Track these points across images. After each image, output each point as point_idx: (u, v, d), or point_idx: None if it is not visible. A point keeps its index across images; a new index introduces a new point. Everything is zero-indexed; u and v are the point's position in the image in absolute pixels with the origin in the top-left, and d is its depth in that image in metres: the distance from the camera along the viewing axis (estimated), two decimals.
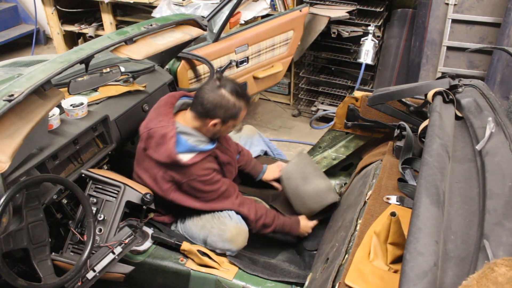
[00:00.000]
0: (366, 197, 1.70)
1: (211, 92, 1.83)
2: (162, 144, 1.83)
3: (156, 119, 1.89)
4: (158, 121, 1.88)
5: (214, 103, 1.82)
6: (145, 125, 1.92)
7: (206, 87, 1.86)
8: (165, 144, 1.82)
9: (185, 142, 1.84)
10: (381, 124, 2.22)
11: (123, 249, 1.73)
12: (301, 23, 3.04)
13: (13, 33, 5.05)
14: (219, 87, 1.83)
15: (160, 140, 1.83)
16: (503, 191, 1.17)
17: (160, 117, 1.89)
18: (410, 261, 0.95)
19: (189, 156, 1.84)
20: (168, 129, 1.84)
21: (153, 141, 1.86)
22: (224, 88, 1.83)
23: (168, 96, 1.99)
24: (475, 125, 1.54)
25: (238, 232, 1.97)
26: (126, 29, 1.95)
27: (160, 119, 1.88)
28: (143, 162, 1.96)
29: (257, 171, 2.34)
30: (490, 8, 3.01)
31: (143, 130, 1.92)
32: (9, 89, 1.45)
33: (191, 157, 1.84)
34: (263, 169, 2.35)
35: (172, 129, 1.84)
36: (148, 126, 1.90)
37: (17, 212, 1.51)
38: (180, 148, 1.83)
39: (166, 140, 1.82)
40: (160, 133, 1.84)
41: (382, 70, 3.77)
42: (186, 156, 1.83)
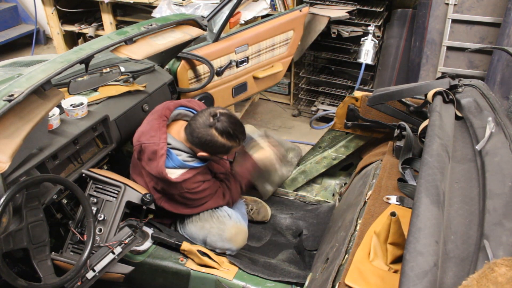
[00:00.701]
0: (366, 197, 1.70)
1: (202, 128, 1.79)
2: (153, 160, 1.83)
3: (148, 134, 1.86)
4: (150, 136, 1.85)
5: (202, 140, 1.80)
6: (138, 138, 1.89)
7: (199, 120, 1.80)
8: (156, 161, 1.81)
9: (176, 158, 1.84)
10: (381, 124, 2.22)
11: (123, 249, 1.73)
12: (301, 23, 3.04)
13: (13, 33, 5.05)
14: (210, 126, 1.78)
15: (151, 156, 1.83)
16: (503, 191, 1.17)
17: (152, 132, 1.85)
18: (410, 261, 0.95)
19: (180, 172, 1.84)
20: (159, 146, 1.81)
21: (145, 155, 1.86)
22: (215, 128, 1.78)
23: (163, 108, 1.93)
24: (475, 125, 1.54)
25: (238, 231, 1.97)
26: (126, 29, 1.95)
27: (152, 134, 1.84)
28: (138, 168, 1.97)
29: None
30: (490, 8, 3.01)
31: (135, 142, 1.90)
32: (9, 89, 1.45)
33: (181, 173, 1.84)
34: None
35: (163, 147, 1.82)
36: (140, 140, 1.87)
37: (17, 212, 1.51)
38: (171, 164, 1.83)
39: (156, 157, 1.81)
40: (151, 149, 1.82)
41: (382, 70, 3.77)
42: (176, 172, 1.84)
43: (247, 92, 2.99)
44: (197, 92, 2.62)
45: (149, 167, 1.85)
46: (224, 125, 1.78)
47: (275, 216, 2.41)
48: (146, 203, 1.83)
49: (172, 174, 1.82)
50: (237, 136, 1.83)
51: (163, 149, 1.81)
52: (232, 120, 1.82)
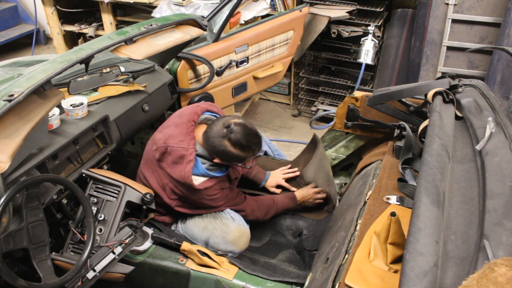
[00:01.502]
0: (366, 197, 1.70)
1: (216, 138, 1.78)
2: (179, 164, 1.82)
3: (177, 138, 1.84)
4: (179, 140, 1.84)
5: (216, 150, 1.80)
6: (164, 140, 1.86)
7: (214, 129, 1.80)
8: (182, 166, 1.81)
9: (201, 166, 1.85)
10: (381, 124, 2.22)
11: (123, 249, 1.73)
12: (301, 23, 3.04)
13: (13, 33, 5.05)
14: (224, 137, 1.77)
15: (178, 159, 1.82)
16: (503, 191, 1.17)
17: (181, 136, 1.84)
18: (410, 261, 0.95)
19: (202, 180, 1.85)
20: (188, 152, 1.82)
21: (169, 157, 1.84)
22: (228, 140, 1.76)
23: (191, 112, 1.92)
24: (475, 125, 1.54)
25: (241, 234, 1.98)
26: (126, 29, 1.95)
27: (181, 139, 1.84)
28: (153, 167, 1.95)
29: (260, 179, 2.33)
30: (490, 8, 3.01)
31: (160, 144, 1.87)
32: (9, 89, 1.45)
33: (203, 180, 1.85)
34: (265, 176, 2.35)
35: (192, 153, 1.82)
36: (167, 143, 1.85)
37: (17, 212, 1.51)
38: (195, 171, 1.84)
39: (183, 162, 1.81)
40: (179, 154, 1.82)
41: (382, 70, 3.77)
42: (199, 179, 1.85)
43: (247, 92, 2.99)
44: (197, 92, 2.62)
45: (172, 170, 1.84)
46: (237, 137, 1.76)
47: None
48: (146, 203, 1.84)
49: (195, 181, 1.83)
50: (251, 147, 1.81)
51: (192, 155, 1.81)
52: (246, 131, 1.78)
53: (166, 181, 1.90)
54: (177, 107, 2.63)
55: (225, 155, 1.80)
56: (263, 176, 2.34)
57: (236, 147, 1.78)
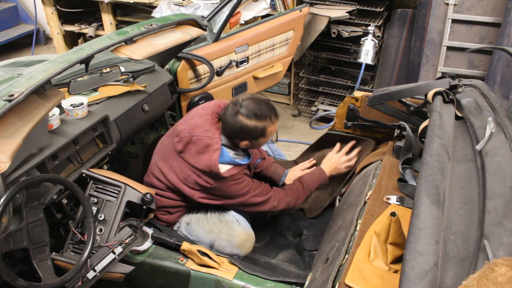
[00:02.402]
0: (366, 197, 1.70)
1: (230, 119, 1.82)
2: (204, 153, 1.84)
3: (202, 127, 1.87)
4: (204, 129, 1.87)
5: (235, 129, 1.83)
6: (189, 130, 1.89)
7: (227, 112, 1.84)
8: (208, 154, 1.83)
9: (227, 154, 1.86)
10: (381, 124, 2.22)
11: (123, 249, 1.73)
12: (301, 23, 3.04)
13: (13, 33, 5.05)
14: (236, 113, 1.81)
15: (203, 149, 1.84)
16: (503, 191, 1.17)
17: (207, 126, 1.87)
18: (410, 261, 0.95)
19: (227, 167, 1.86)
20: (213, 141, 1.84)
21: (194, 147, 1.86)
22: (240, 114, 1.80)
23: (215, 105, 1.96)
24: (475, 125, 1.54)
25: (247, 237, 1.98)
26: (126, 29, 1.95)
27: (207, 128, 1.87)
28: (171, 160, 1.95)
29: (279, 175, 2.31)
30: (490, 8, 3.01)
31: (185, 134, 1.89)
32: (9, 89, 1.45)
33: (229, 168, 1.86)
34: (285, 172, 2.32)
35: (217, 142, 1.85)
36: (192, 133, 1.87)
37: (17, 212, 1.51)
38: (221, 159, 1.85)
39: (209, 151, 1.83)
40: (205, 142, 1.84)
41: (382, 70, 3.77)
42: (225, 167, 1.86)
43: (247, 92, 2.99)
44: (197, 92, 2.63)
45: (196, 161, 1.85)
46: (248, 108, 1.80)
47: (275, 216, 2.40)
48: (146, 203, 1.84)
49: (221, 169, 1.84)
50: (266, 114, 1.83)
51: (218, 144, 1.84)
52: (256, 101, 1.83)
53: (189, 173, 1.89)
54: (177, 107, 2.64)
55: (244, 131, 1.82)
56: (282, 172, 2.32)
57: (251, 118, 1.80)
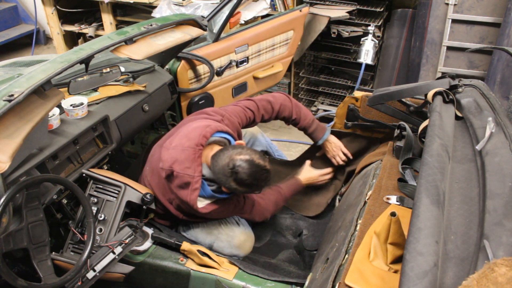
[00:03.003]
0: (366, 197, 1.70)
1: (221, 175, 1.73)
2: (185, 189, 1.78)
3: (183, 164, 1.76)
4: (184, 166, 1.76)
5: (222, 184, 1.77)
6: (170, 164, 1.78)
7: (220, 163, 1.73)
8: (188, 191, 1.77)
9: (208, 189, 1.80)
10: (381, 124, 2.22)
11: (123, 249, 1.73)
12: (301, 23, 3.04)
13: (13, 33, 5.05)
14: (229, 176, 1.71)
15: (183, 185, 1.78)
16: (503, 191, 1.17)
17: (187, 163, 1.76)
18: (410, 261, 0.95)
19: (207, 202, 1.82)
20: (193, 180, 1.76)
21: (176, 181, 1.79)
22: (233, 180, 1.71)
23: (200, 135, 1.80)
24: (475, 125, 1.54)
25: (246, 238, 1.98)
26: (126, 29, 1.95)
27: (187, 165, 1.76)
28: (159, 179, 1.89)
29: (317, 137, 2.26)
30: (490, 8, 3.01)
31: (166, 167, 1.79)
32: (9, 89, 1.45)
33: (209, 203, 1.82)
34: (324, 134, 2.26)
35: (197, 181, 1.76)
36: (173, 168, 1.77)
37: (17, 212, 1.51)
38: (202, 193, 1.80)
39: (189, 188, 1.77)
40: (185, 180, 1.76)
41: (382, 70, 3.77)
42: (205, 201, 1.82)
43: (247, 92, 2.98)
44: (197, 92, 2.62)
45: (178, 191, 1.81)
46: (242, 177, 1.70)
47: (275, 216, 2.40)
48: (146, 203, 1.84)
49: (200, 203, 1.80)
50: (257, 184, 1.77)
51: (198, 183, 1.76)
52: (253, 169, 1.70)
53: (173, 197, 1.87)
54: (177, 107, 2.64)
55: (232, 191, 1.79)
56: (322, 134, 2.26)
57: (242, 186, 1.73)
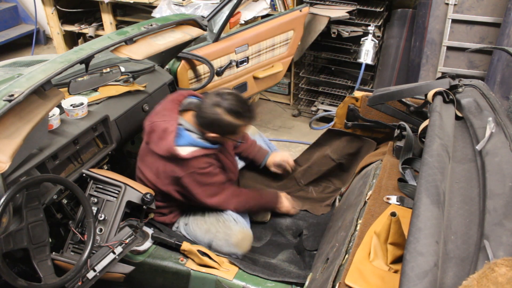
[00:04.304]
0: (366, 197, 1.70)
1: (209, 107, 1.81)
2: (163, 139, 1.84)
3: (160, 114, 1.91)
4: (162, 115, 1.90)
5: (210, 119, 1.82)
6: (149, 119, 1.94)
7: (206, 100, 1.84)
8: (166, 141, 1.83)
9: (187, 135, 1.86)
10: (381, 124, 2.22)
11: (123, 249, 1.73)
12: (301, 23, 3.04)
13: (13, 33, 5.05)
14: (217, 105, 1.79)
15: (162, 134, 1.85)
16: (503, 191, 1.17)
17: (165, 112, 1.91)
18: (410, 261, 0.95)
19: (190, 150, 1.84)
20: (169, 124, 1.85)
21: (155, 135, 1.88)
22: (220, 107, 1.79)
23: (176, 94, 2.01)
24: (475, 125, 1.54)
25: (244, 236, 1.98)
26: (126, 29, 1.95)
27: (164, 114, 1.90)
28: (146, 157, 1.96)
29: (262, 156, 2.35)
30: (490, 8, 3.01)
31: (147, 123, 1.94)
32: (9, 89, 1.45)
33: (191, 150, 1.84)
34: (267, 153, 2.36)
35: (173, 124, 1.85)
36: (152, 120, 1.92)
37: (17, 212, 1.51)
38: (181, 141, 1.83)
39: (166, 134, 1.83)
40: (162, 127, 1.85)
41: (382, 70, 3.77)
42: (186, 149, 1.84)
43: (247, 92, 2.99)
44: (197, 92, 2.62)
45: (158, 147, 1.85)
46: (230, 103, 1.79)
47: (275, 216, 2.40)
48: (146, 203, 1.84)
49: (182, 151, 1.83)
50: (244, 114, 1.83)
51: (173, 126, 1.84)
52: (239, 98, 1.83)
53: (158, 164, 1.89)
54: None
55: (218, 124, 1.81)
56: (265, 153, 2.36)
57: (229, 113, 1.79)
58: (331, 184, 2.50)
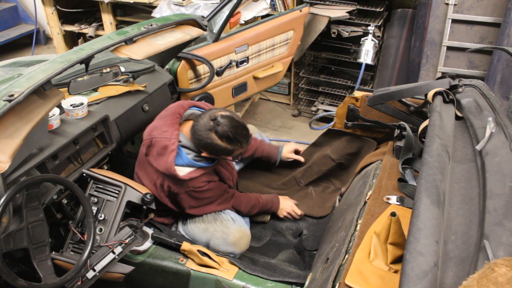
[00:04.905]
0: (366, 197, 1.70)
1: (203, 130, 1.78)
2: (162, 156, 1.82)
3: (160, 129, 1.86)
4: (162, 131, 1.85)
5: (203, 143, 1.80)
6: (149, 133, 1.90)
7: (200, 122, 1.79)
8: (165, 156, 1.81)
9: (186, 156, 1.84)
10: (381, 124, 2.22)
11: (123, 249, 1.73)
12: (301, 23, 3.04)
13: (13, 33, 5.05)
14: (210, 130, 1.76)
15: (161, 151, 1.83)
16: (503, 191, 1.17)
17: (165, 127, 1.86)
18: (410, 261, 0.95)
19: (187, 170, 1.84)
20: (170, 142, 1.82)
21: (154, 150, 1.86)
22: (214, 132, 1.76)
23: (177, 106, 1.94)
24: (475, 125, 1.54)
25: (242, 235, 1.98)
26: (126, 29, 1.95)
27: (164, 129, 1.85)
28: (144, 165, 1.96)
29: (274, 154, 2.35)
30: (490, 8, 3.01)
31: (146, 136, 1.90)
32: (9, 89, 1.45)
33: (189, 171, 1.84)
34: (279, 149, 2.37)
35: (174, 143, 1.82)
36: (152, 135, 1.88)
37: (17, 212, 1.51)
38: (180, 161, 1.83)
39: (166, 152, 1.81)
40: (162, 144, 1.83)
41: (382, 70, 3.77)
42: (184, 170, 1.84)
43: (247, 92, 2.99)
44: (197, 92, 2.62)
45: (157, 163, 1.84)
46: (223, 129, 1.76)
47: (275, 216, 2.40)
48: (146, 203, 1.84)
49: (180, 172, 1.83)
50: (238, 139, 1.80)
51: (174, 145, 1.81)
52: (234, 123, 1.78)
53: (155, 177, 1.90)
54: None
55: (212, 148, 1.80)
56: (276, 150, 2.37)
57: (223, 140, 1.77)
58: (331, 184, 2.50)
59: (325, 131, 2.46)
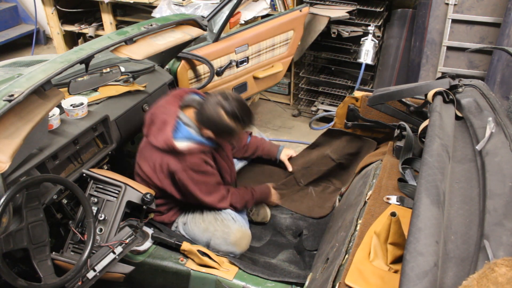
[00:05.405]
0: (366, 197, 1.70)
1: (211, 106, 1.84)
2: (162, 130, 1.86)
3: (161, 106, 1.94)
4: (162, 107, 1.93)
5: (210, 118, 1.84)
6: (151, 112, 1.97)
7: (211, 99, 1.86)
8: (164, 132, 1.85)
9: (185, 129, 1.88)
10: (381, 124, 2.22)
11: (123, 249, 1.73)
12: (301, 23, 3.04)
13: (13, 33, 5.05)
14: (220, 104, 1.82)
15: (161, 126, 1.87)
16: (503, 191, 1.17)
17: (166, 105, 1.94)
18: (410, 261, 0.95)
19: (186, 144, 1.87)
20: (169, 116, 1.87)
21: (154, 126, 1.90)
22: (222, 107, 1.82)
23: (179, 90, 2.04)
24: (475, 125, 1.54)
25: (242, 235, 1.98)
26: (126, 29, 1.95)
27: (165, 106, 1.93)
28: (144, 150, 1.98)
29: (274, 152, 2.42)
30: (490, 8, 3.01)
31: (148, 116, 1.96)
32: (9, 89, 1.45)
33: (187, 144, 1.87)
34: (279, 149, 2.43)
35: (173, 117, 1.87)
36: (152, 111, 1.95)
37: (17, 212, 1.51)
38: (179, 135, 1.86)
39: (165, 126, 1.86)
40: (162, 119, 1.88)
41: (382, 70, 3.77)
42: (183, 143, 1.86)
43: (247, 92, 2.99)
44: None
45: (156, 139, 1.87)
46: (233, 106, 1.82)
47: (275, 216, 2.41)
48: (146, 203, 1.84)
49: (178, 144, 1.85)
50: (244, 120, 1.85)
51: (173, 119, 1.87)
52: (242, 104, 1.85)
53: (155, 158, 1.90)
54: None
55: (218, 124, 1.83)
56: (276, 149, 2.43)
57: (229, 115, 1.82)
58: (331, 184, 2.50)
59: (325, 131, 2.46)
